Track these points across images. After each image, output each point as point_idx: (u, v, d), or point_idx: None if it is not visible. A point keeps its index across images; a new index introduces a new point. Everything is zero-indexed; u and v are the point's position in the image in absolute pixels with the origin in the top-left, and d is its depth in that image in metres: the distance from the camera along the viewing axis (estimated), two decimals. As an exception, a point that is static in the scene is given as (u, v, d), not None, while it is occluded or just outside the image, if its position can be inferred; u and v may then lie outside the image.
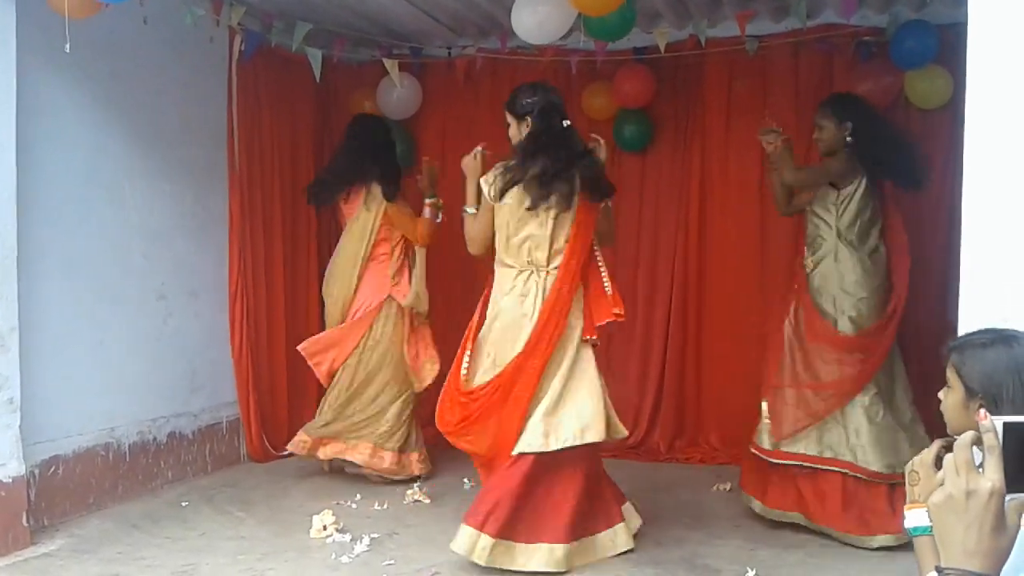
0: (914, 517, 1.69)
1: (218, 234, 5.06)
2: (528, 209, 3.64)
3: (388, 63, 5.30)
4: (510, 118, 3.81)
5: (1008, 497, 1.08)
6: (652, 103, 5.40)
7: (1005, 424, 1.10)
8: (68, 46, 3.44)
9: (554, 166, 3.64)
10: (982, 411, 1.13)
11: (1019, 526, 1.10)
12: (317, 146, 5.75)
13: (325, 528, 3.94)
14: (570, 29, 4.42)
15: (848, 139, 4.05)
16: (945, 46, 4.49)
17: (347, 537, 3.88)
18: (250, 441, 5.18)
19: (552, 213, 3.65)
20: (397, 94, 5.59)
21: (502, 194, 3.67)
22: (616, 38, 4.73)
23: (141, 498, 4.48)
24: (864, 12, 4.98)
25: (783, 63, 5.26)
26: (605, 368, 5.45)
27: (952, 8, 4.46)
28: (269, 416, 5.28)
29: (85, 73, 4.22)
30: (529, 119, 3.72)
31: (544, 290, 3.65)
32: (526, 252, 3.68)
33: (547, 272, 3.67)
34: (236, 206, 5.07)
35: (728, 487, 4.67)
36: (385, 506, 4.41)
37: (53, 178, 4.08)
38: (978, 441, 1.11)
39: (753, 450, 4.04)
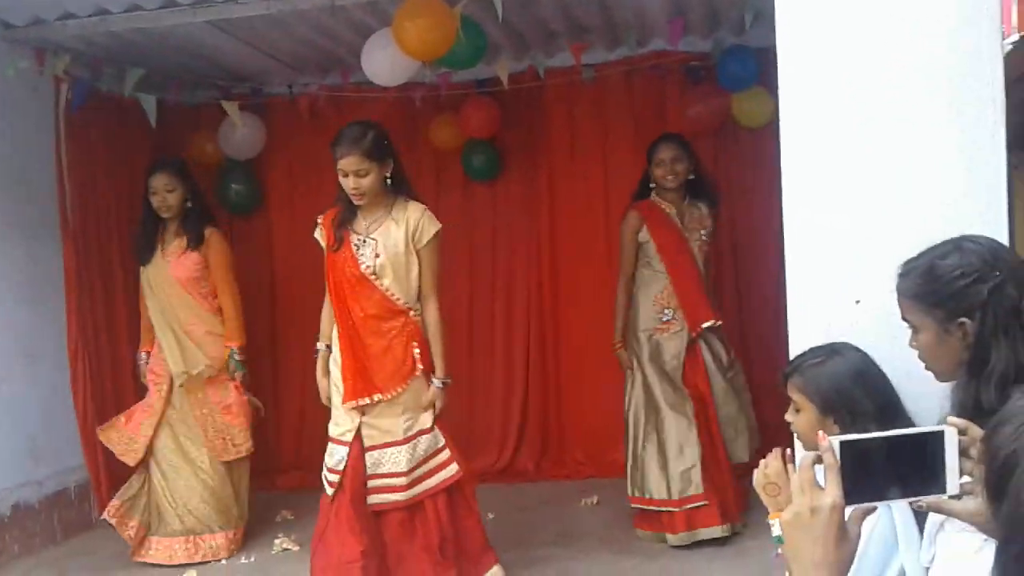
0: (779, 525, 1.81)
1: (54, 293, 4.79)
2: None
3: (227, 105, 5.18)
4: (367, 163, 3.41)
5: (848, 509, 1.18)
6: (498, 132, 5.51)
7: (841, 443, 1.20)
8: None
9: None
10: (820, 433, 1.22)
11: (859, 534, 1.20)
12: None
13: (190, 591, 3.79)
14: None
15: (691, 176, 4.30)
16: (765, 68, 4.78)
17: (214, 597, 3.75)
18: (101, 505, 4.89)
19: None
20: (239, 134, 5.46)
21: None
22: (468, 67, 4.81)
23: (-15, 578, 4.19)
24: (690, 38, 5.25)
25: (619, 89, 5.48)
26: (468, 395, 5.59)
27: (769, 32, 4.72)
28: (119, 477, 5.01)
29: None
30: (391, 159, 3.52)
31: None
32: None
33: None
34: (71, 262, 4.79)
35: (595, 500, 4.80)
36: (252, 559, 4.29)
37: None
38: (819, 460, 1.20)
39: None
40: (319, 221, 3.64)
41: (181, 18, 4.31)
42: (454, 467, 3.50)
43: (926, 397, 1.94)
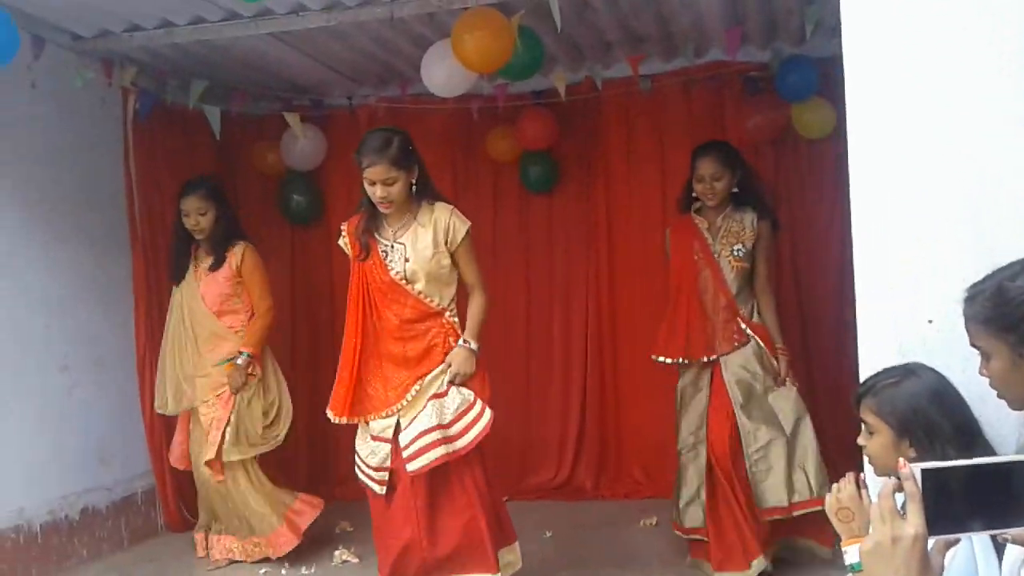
0: (854, 552, 1.78)
1: (122, 299, 4.91)
2: None
3: (288, 116, 5.28)
4: (395, 171, 3.41)
5: (931, 539, 1.16)
6: (555, 144, 5.51)
7: (923, 470, 1.17)
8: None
9: None
10: (901, 460, 1.20)
11: (943, 566, 1.17)
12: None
13: (252, 598, 3.84)
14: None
15: (735, 190, 4.08)
16: (825, 78, 4.72)
17: (275, 606, 3.80)
18: (167, 511, 5.02)
19: None
20: (301, 146, 5.55)
21: None
22: (525, 78, 4.83)
23: (56, 581, 4.29)
24: (748, 49, 5.20)
25: (676, 100, 5.44)
26: (525, 409, 5.58)
27: (829, 42, 4.70)
28: (186, 484, 5.11)
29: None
30: (417, 165, 3.51)
31: None
32: None
33: None
34: (140, 269, 4.92)
35: (654, 521, 4.73)
36: (312, 570, 4.33)
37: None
38: (899, 487, 1.18)
39: None
40: (343, 229, 3.63)
41: (244, 30, 4.40)
42: (488, 414, 3.43)
43: (1001, 422, 1.89)
